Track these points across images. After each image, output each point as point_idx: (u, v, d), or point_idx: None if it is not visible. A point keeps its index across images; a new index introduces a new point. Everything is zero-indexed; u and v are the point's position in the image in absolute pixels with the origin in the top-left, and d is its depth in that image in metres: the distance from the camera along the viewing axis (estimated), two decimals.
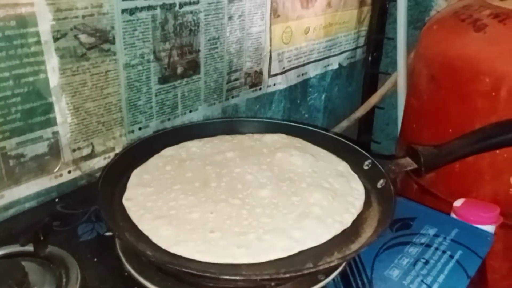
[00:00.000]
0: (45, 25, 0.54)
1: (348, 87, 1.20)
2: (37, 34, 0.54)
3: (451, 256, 0.54)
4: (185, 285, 0.46)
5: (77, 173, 0.64)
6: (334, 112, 1.18)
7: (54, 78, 0.57)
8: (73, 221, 0.57)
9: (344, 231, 0.50)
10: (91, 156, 0.65)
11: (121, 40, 0.62)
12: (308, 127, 0.71)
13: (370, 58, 1.21)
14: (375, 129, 1.33)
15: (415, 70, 0.82)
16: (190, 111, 0.77)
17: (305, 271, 0.41)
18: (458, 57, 0.70)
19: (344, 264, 0.50)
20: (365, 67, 1.22)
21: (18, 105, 0.55)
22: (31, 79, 0.55)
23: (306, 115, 1.08)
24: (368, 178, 0.59)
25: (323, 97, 1.12)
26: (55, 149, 0.60)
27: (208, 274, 0.40)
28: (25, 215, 0.59)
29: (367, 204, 0.55)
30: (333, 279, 0.49)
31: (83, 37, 0.58)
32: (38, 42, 0.54)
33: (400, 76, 1.07)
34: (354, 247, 0.46)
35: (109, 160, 0.66)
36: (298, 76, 1.00)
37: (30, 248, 0.50)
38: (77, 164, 0.63)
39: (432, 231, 0.58)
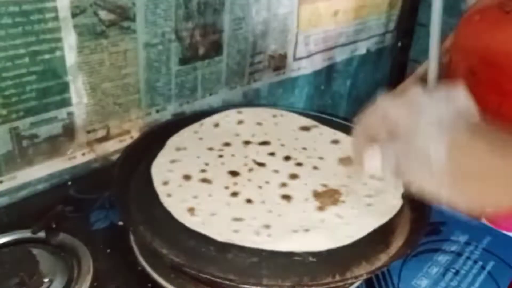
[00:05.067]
0: (63, 0, 0.51)
1: (375, 73, 1.15)
2: (55, 9, 0.50)
3: (483, 267, 0.50)
4: (202, 285, 0.43)
5: (91, 156, 0.61)
6: (358, 99, 1.13)
7: (71, 56, 0.54)
8: (86, 207, 0.55)
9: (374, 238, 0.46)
10: (106, 138, 0.62)
11: (142, 18, 0.59)
12: (329, 117, 0.67)
13: (399, 44, 1.15)
14: None
15: (452, 62, 0.76)
16: (210, 94, 0.74)
17: (332, 285, 0.39)
18: (501, 53, 0.64)
19: None
20: (394, 53, 1.17)
21: (33, 83, 0.52)
22: (47, 56, 0.52)
23: (330, 102, 1.04)
24: None
25: (348, 83, 1.07)
26: (69, 131, 0.58)
27: (227, 282, 0.38)
28: (37, 198, 0.57)
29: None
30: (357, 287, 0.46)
31: (103, 14, 0.55)
32: (56, 18, 0.51)
33: (432, 66, 1.01)
34: (383, 257, 0.43)
35: (125, 143, 0.63)
36: (324, 60, 0.95)
37: (42, 234, 0.48)
38: (92, 147, 0.61)
39: (463, 238, 0.54)
